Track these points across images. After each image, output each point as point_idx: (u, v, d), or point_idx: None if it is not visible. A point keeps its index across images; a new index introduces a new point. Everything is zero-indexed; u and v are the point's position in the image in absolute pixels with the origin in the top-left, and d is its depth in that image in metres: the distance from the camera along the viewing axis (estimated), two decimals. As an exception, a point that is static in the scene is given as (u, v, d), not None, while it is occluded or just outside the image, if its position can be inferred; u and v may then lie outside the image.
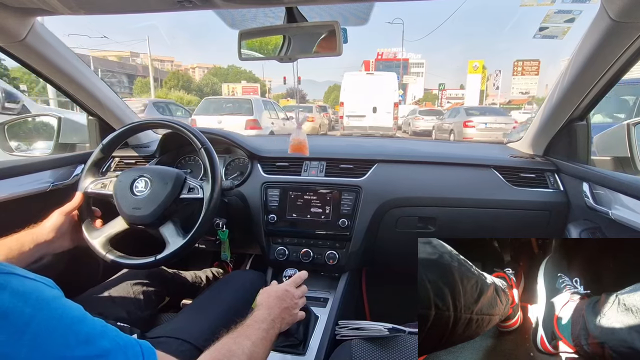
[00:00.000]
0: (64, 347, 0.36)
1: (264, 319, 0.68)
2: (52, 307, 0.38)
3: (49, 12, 0.85)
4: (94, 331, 0.40)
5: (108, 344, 0.40)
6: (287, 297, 0.78)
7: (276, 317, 0.71)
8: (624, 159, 1.10)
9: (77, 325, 0.39)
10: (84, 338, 0.38)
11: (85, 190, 0.98)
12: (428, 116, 13.76)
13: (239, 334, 0.61)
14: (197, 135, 0.96)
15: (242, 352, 0.57)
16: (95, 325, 0.41)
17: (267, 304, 0.73)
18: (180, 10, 0.82)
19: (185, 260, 1.59)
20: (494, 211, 1.15)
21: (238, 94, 25.10)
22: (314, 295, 1.16)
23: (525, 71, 24.29)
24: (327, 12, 0.91)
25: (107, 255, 0.92)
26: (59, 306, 0.39)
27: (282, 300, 0.76)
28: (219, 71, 56.65)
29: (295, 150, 1.16)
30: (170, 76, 38.54)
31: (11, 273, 0.37)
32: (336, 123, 12.24)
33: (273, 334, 0.67)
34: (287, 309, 0.75)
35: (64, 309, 0.39)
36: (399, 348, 0.77)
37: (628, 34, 0.76)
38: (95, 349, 0.38)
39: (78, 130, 1.45)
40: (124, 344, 0.42)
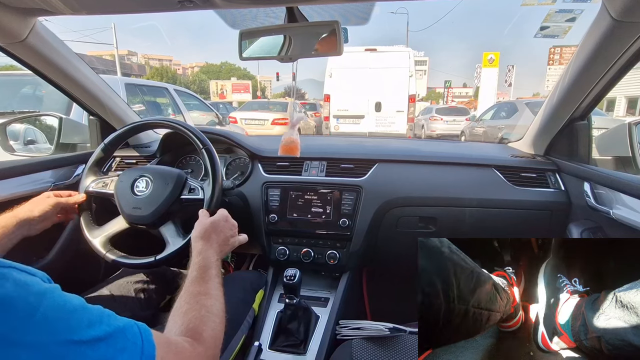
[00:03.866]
0: (70, 331, 0.38)
1: (208, 264, 0.70)
2: (55, 296, 0.40)
3: (51, 12, 0.85)
4: (94, 317, 0.42)
5: (108, 328, 0.42)
6: (226, 227, 0.81)
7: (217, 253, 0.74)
8: (625, 159, 1.10)
9: (79, 312, 0.41)
10: (87, 323, 0.40)
11: (87, 190, 0.98)
12: (448, 116, 10.56)
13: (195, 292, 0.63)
14: (198, 135, 0.96)
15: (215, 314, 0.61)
16: (94, 312, 0.43)
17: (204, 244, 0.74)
18: (181, 10, 0.82)
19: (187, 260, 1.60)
20: (495, 211, 1.15)
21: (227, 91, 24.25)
22: (314, 295, 1.16)
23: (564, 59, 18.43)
24: (328, 12, 0.91)
25: (107, 255, 0.92)
26: (61, 295, 0.41)
27: (218, 233, 0.78)
28: (211, 68, 54.83)
29: (286, 151, 1.14)
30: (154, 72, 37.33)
31: (11, 267, 0.39)
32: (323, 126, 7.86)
33: (219, 273, 0.71)
34: (226, 239, 0.80)
35: (64, 298, 0.41)
36: (400, 348, 0.77)
37: (629, 33, 0.76)
38: (98, 331, 0.40)
39: (79, 130, 1.46)
40: (123, 325, 0.44)
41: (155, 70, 38.24)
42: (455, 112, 10.91)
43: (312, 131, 9.57)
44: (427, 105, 16.26)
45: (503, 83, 16.10)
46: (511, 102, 8.09)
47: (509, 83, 15.33)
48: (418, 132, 10.47)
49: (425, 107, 13.41)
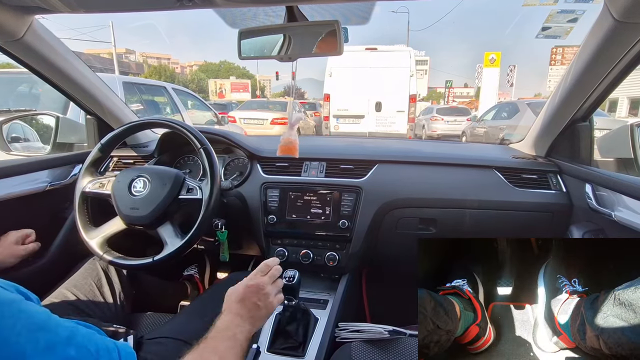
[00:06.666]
0: (19, 356, 0.34)
1: (227, 326, 0.63)
2: (5, 313, 0.35)
3: (48, 10, 0.84)
4: (56, 338, 0.37)
5: (74, 352, 0.37)
6: (250, 293, 0.70)
7: (243, 318, 0.65)
8: (627, 160, 1.09)
9: (35, 332, 0.36)
10: (44, 346, 0.36)
11: (83, 190, 0.97)
12: (449, 116, 10.47)
13: (203, 349, 0.57)
14: (196, 135, 0.96)
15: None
16: (59, 332, 0.38)
17: (229, 308, 0.67)
18: (181, 9, 0.81)
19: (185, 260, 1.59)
20: (495, 212, 1.14)
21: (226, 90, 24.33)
22: (313, 297, 1.15)
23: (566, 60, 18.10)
24: (328, 11, 0.90)
25: (104, 256, 0.91)
26: (14, 313, 0.36)
27: (244, 300, 0.69)
28: (210, 67, 53.76)
29: (285, 151, 1.11)
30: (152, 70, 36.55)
31: None
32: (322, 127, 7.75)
33: (243, 337, 0.63)
34: (255, 305, 0.69)
35: (19, 316, 0.36)
36: (400, 350, 0.76)
37: (631, 34, 0.76)
38: (56, 357, 0.36)
39: (76, 130, 1.45)
40: (95, 350, 0.39)
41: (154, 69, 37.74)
42: (456, 112, 10.81)
43: (311, 131, 9.43)
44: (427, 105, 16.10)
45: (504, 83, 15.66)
46: (513, 102, 7.96)
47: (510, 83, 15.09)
48: (419, 133, 10.33)
49: (426, 107, 13.28)
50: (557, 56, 19.22)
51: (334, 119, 7.15)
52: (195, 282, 1.45)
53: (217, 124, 4.95)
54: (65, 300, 0.88)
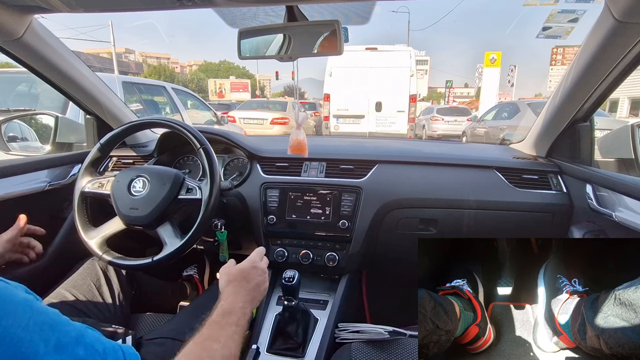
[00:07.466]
0: (32, 355, 0.34)
1: (231, 310, 0.62)
2: (19, 312, 0.36)
3: (47, 9, 0.84)
4: (66, 338, 0.37)
5: (83, 352, 0.38)
6: (255, 274, 0.71)
7: (246, 302, 0.65)
8: (628, 161, 1.09)
9: (47, 332, 0.36)
10: (54, 345, 0.36)
11: (83, 190, 0.97)
12: (450, 116, 10.45)
13: (206, 336, 0.56)
14: (195, 135, 0.95)
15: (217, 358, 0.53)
16: (69, 332, 0.38)
17: (232, 290, 0.66)
18: (180, 9, 0.81)
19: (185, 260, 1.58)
20: (496, 213, 1.14)
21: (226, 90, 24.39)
22: (313, 298, 1.15)
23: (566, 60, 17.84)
24: (328, 11, 0.90)
25: (103, 256, 0.91)
26: (27, 310, 0.36)
27: (249, 280, 0.69)
28: (210, 67, 53.85)
29: (295, 151, 1.15)
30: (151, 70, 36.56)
31: None
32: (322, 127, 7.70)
33: (244, 322, 0.63)
34: (257, 286, 0.69)
35: (32, 314, 0.36)
36: (400, 351, 0.76)
37: (632, 34, 0.75)
38: (66, 357, 0.36)
39: (75, 129, 1.44)
40: (103, 350, 0.40)
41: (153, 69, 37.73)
42: (457, 112, 10.79)
43: (311, 131, 9.42)
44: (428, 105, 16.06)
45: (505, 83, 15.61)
46: (513, 102, 7.94)
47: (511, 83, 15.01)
48: (419, 133, 10.32)
49: (427, 107, 13.25)
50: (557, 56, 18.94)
51: (334, 119, 7.15)
52: (195, 283, 1.45)
53: (217, 124, 4.95)
54: (64, 301, 0.88)
